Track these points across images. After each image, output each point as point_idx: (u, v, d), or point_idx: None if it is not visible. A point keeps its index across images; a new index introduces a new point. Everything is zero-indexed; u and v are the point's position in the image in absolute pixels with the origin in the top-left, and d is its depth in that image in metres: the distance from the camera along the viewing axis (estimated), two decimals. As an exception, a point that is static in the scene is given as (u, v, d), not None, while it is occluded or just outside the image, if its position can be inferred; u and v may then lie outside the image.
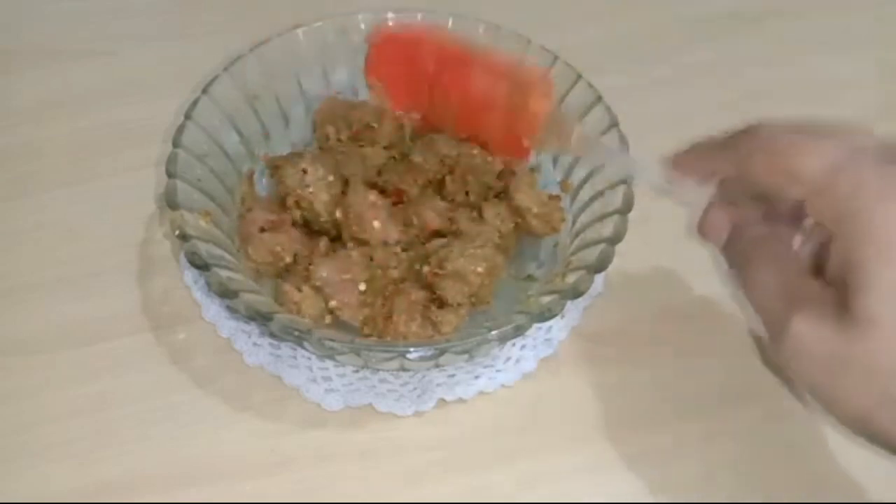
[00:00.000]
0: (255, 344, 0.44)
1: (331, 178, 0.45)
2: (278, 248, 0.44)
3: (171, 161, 0.42)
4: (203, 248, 0.39)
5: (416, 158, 0.47)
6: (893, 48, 0.63)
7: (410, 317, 0.42)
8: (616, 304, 0.46)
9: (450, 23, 0.50)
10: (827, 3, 0.65)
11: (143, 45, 0.59)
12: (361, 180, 0.46)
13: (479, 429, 0.42)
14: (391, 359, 0.39)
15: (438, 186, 0.48)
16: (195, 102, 0.44)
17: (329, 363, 0.43)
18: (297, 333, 0.37)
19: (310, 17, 0.49)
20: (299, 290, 0.42)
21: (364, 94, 0.51)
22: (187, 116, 0.44)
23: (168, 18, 0.62)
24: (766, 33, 0.63)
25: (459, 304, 0.42)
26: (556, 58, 0.48)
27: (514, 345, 0.44)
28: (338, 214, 0.45)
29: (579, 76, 0.47)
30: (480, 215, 0.46)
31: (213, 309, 0.45)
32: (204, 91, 0.45)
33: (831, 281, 0.32)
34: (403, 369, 0.42)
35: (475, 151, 0.48)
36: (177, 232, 0.39)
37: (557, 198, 0.47)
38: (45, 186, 0.51)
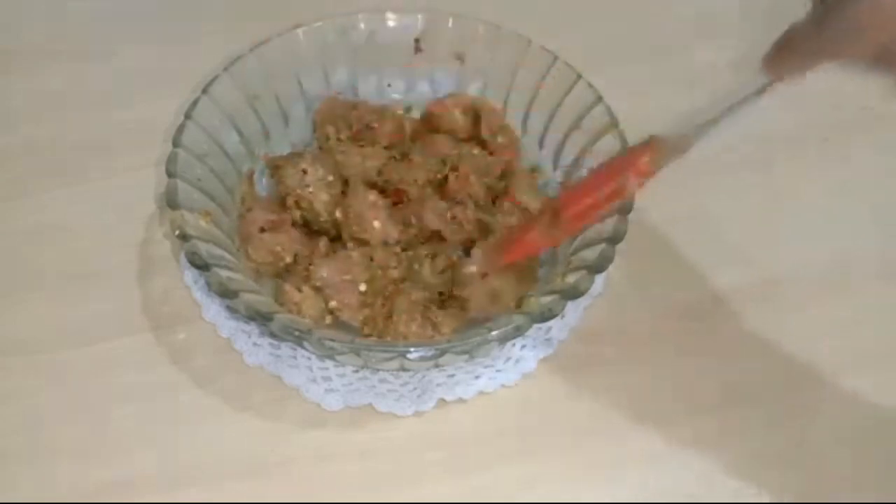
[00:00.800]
0: (255, 344, 0.44)
1: (331, 178, 0.45)
2: (278, 248, 0.44)
3: (171, 161, 0.42)
4: (203, 248, 0.39)
5: (416, 158, 0.47)
6: (893, 48, 0.62)
7: (410, 317, 0.42)
8: (616, 304, 0.46)
9: (450, 22, 0.50)
10: (827, 3, 0.64)
11: (143, 46, 0.59)
12: (361, 180, 0.46)
13: (479, 429, 0.42)
14: (391, 359, 0.39)
15: (438, 186, 0.48)
16: (195, 102, 0.44)
17: (329, 363, 0.43)
18: (297, 333, 0.37)
19: (310, 17, 0.49)
20: (299, 290, 0.42)
21: (364, 94, 0.51)
22: (187, 116, 0.44)
23: (168, 19, 0.62)
24: (765, 33, 0.63)
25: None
26: (556, 58, 0.48)
27: (514, 345, 0.44)
28: (338, 214, 0.45)
29: (579, 76, 0.47)
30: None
31: (213, 309, 0.45)
32: (204, 91, 0.45)
33: None
34: (403, 369, 0.42)
35: (476, 151, 0.48)
36: (177, 232, 0.39)
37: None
38: (45, 186, 0.51)
